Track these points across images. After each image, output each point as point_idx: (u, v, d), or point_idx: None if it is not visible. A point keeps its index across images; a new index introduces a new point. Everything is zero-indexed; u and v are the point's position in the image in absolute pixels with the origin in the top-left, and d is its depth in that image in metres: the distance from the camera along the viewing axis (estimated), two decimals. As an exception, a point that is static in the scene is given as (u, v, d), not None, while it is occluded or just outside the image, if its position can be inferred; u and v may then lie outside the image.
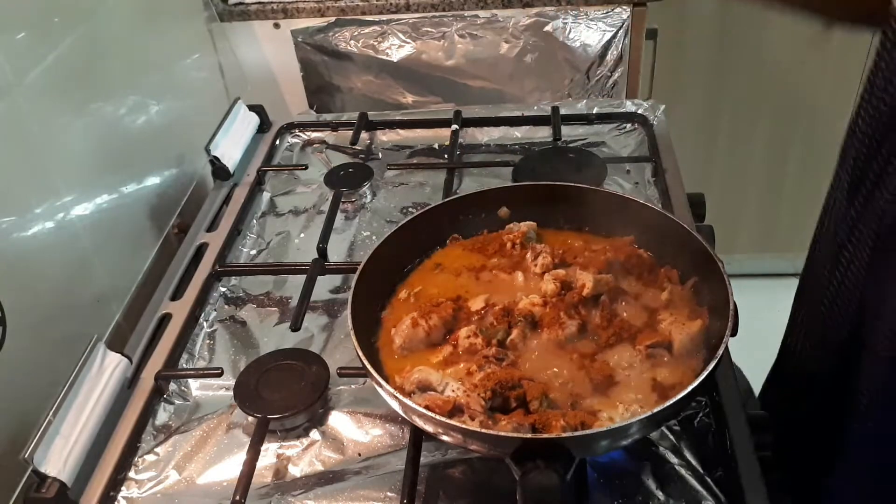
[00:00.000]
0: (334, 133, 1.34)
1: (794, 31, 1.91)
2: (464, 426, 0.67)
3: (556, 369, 0.76)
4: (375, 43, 1.49)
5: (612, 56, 1.47)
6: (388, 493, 0.76)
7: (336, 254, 1.08)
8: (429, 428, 0.70)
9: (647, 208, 0.89)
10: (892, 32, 0.72)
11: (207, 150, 1.18)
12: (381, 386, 0.71)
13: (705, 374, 0.68)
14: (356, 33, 1.49)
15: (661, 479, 0.76)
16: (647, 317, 0.81)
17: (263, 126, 1.34)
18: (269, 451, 0.82)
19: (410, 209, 1.15)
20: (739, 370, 0.99)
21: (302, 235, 1.13)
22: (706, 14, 1.90)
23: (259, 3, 1.48)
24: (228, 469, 0.81)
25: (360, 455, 0.82)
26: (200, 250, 1.10)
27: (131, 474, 0.82)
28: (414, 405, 0.69)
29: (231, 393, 0.86)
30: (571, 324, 0.79)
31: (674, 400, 0.67)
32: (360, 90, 1.54)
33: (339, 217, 1.13)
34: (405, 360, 0.80)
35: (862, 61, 1.89)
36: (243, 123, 1.29)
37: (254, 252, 1.12)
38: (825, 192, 0.89)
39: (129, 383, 0.90)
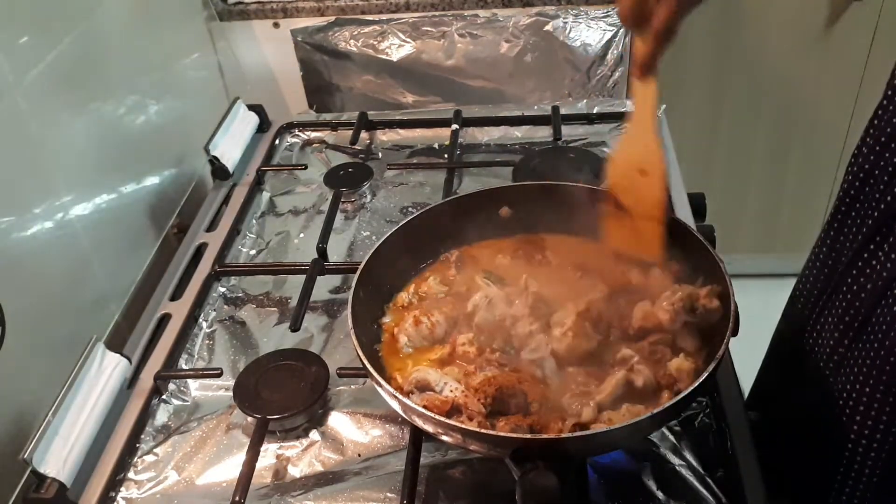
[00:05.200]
0: (334, 133, 1.34)
1: (794, 31, 1.91)
2: (464, 426, 0.67)
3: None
4: (375, 42, 1.49)
5: (612, 56, 1.46)
6: (388, 494, 0.76)
7: (336, 254, 1.08)
8: (429, 428, 0.70)
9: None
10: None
11: (207, 150, 1.18)
12: (380, 386, 0.71)
13: (706, 374, 0.68)
14: (356, 33, 1.49)
15: (661, 479, 0.76)
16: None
17: (263, 126, 1.34)
18: (269, 452, 0.82)
19: (410, 209, 1.15)
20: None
21: (301, 235, 1.13)
22: (706, 14, 1.90)
23: (258, 2, 1.48)
24: (228, 470, 0.81)
25: (359, 455, 0.81)
26: (200, 250, 1.10)
27: (130, 475, 0.81)
28: (414, 405, 0.69)
29: (230, 393, 0.86)
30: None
31: (674, 401, 0.67)
32: (360, 90, 1.54)
33: (339, 217, 1.13)
34: (409, 358, 0.80)
35: (862, 62, 1.89)
36: (243, 123, 1.29)
37: (253, 252, 1.12)
38: (825, 191, 0.89)
39: (129, 383, 0.90)
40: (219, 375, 0.90)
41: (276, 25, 1.49)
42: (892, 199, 0.74)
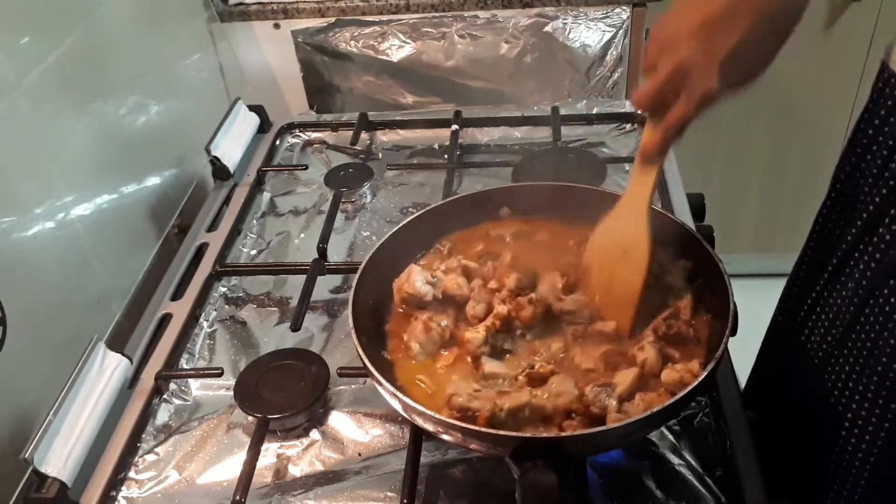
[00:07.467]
0: (334, 133, 1.34)
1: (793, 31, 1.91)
2: (463, 425, 0.67)
3: None
4: (375, 43, 1.49)
5: (611, 56, 1.47)
6: (388, 493, 0.77)
7: (336, 254, 1.08)
8: (429, 427, 0.70)
9: (647, 208, 0.89)
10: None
11: (208, 151, 1.19)
12: (381, 384, 0.71)
13: (705, 373, 0.68)
14: (356, 33, 1.49)
15: (660, 479, 0.76)
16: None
17: (263, 126, 1.34)
18: (269, 451, 0.82)
19: (410, 209, 1.15)
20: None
21: (302, 235, 1.13)
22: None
23: (259, 3, 1.48)
24: (228, 469, 0.81)
25: (360, 455, 0.82)
26: (200, 250, 1.10)
27: (131, 474, 0.82)
28: (414, 404, 0.69)
29: (231, 393, 0.86)
30: None
31: (673, 400, 0.67)
32: (360, 90, 1.54)
33: (339, 217, 1.13)
34: (422, 366, 0.79)
35: (862, 61, 1.89)
36: (243, 124, 1.29)
37: (254, 252, 1.12)
38: (824, 191, 0.89)
39: (130, 383, 0.90)
40: (219, 375, 0.90)
41: (276, 26, 1.49)
42: (881, 201, 0.75)
